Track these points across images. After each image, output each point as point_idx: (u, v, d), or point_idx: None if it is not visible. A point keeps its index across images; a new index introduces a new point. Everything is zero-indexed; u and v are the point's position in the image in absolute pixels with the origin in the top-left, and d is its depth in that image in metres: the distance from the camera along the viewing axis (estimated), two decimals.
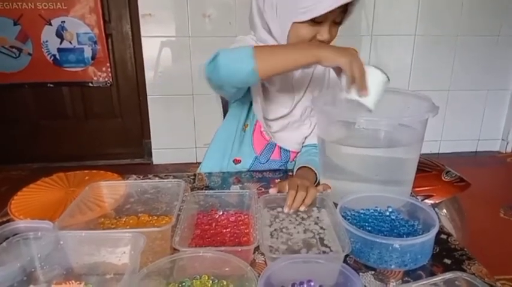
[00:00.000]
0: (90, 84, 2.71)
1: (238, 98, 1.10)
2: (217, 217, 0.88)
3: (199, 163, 1.25)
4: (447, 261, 0.75)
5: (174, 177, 1.11)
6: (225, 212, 0.89)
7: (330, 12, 0.90)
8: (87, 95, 2.78)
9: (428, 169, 1.52)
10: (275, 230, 0.81)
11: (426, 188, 1.44)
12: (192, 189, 1.05)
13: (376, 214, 0.86)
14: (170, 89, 2.73)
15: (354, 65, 0.82)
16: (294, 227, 0.81)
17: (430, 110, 0.88)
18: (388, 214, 0.86)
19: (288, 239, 0.78)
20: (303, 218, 0.85)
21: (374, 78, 0.85)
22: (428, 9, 2.78)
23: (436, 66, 2.92)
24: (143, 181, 1.07)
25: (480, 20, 2.85)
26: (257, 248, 0.73)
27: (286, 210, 0.86)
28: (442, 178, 1.48)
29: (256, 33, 1.05)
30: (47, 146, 2.84)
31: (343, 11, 0.97)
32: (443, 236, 0.83)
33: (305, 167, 1.06)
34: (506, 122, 3.08)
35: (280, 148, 1.16)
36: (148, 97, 2.71)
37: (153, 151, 2.84)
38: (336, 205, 0.83)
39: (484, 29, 2.87)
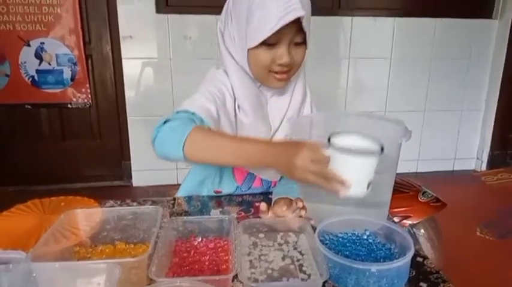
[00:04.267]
0: (69, 106, 2.68)
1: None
2: (196, 243, 0.87)
3: (181, 185, 1.24)
4: (423, 285, 0.76)
5: (153, 202, 1.11)
6: (204, 239, 0.88)
7: (283, 33, 0.91)
8: (66, 116, 2.74)
9: (406, 190, 1.55)
10: (255, 258, 0.81)
11: (403, 209, 1.47)
12: (171, 214, 1.04)
13: (354, 237, 0.87)
14: (151, 110, 2.72)
15: (306, 180, 0.73)
16: (274, 255, 0.81)
17: (403, 134, 0.91)
18: (365, 237, 0.87)
19: (267, 267, 0.78)
20: (280, 244, 0.85)
21: (359, 161, 0.73)
22: (403, 33, 2.89)
23: (411, 88, 3.02)
24: (120, 207, 1.06)
25: (452, 44, 2.97)
26: (236, 276, 0.72)
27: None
28: (419, 198, 1.51)
29: (224, 63, 1.03)
30: (24, 168, 2.77)
31: (300, 31, 0.94)
32: (419, 259, 0.85)
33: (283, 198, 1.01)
34: (480, 141, 3.18)
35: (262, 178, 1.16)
36: (128, 118, 2.70)
37: (132, 172, 2.81)
38: (314, 228, 0.83)
39: (456, 52, 2.99)
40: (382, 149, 0.74)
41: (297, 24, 0.90)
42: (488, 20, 2.98)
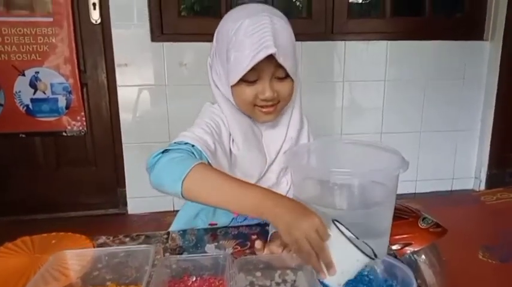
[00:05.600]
0: (64, 133, 2.66)
1: None
2: (190, 283, 0.84)
3: (177, 211, 1.21)
4: None
5: (146, 237, 1.08)
6: (199, 278, 0.85)
7: (262, 70, 0.91)
8: (61, 144, 2.71)
9: (405, 216, 1.53)
10: None
11: (404, 236, 1.44)
12: (165, 250, 1.01)
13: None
14: (146, 136, 2.70)
15: (301, 244, 0.71)
16: None
17: (400, 165, 0.89)
18: (365, 273, 0.84)
19: None
20: (278, 283, 0.82)
21: (356, 254, 0.71)
22: (396, 56, 2.91)
23: (407, 109, 3.02)
24: (112, 246, 1.02)
25: (446, 65, 2.99)
26: None
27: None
28: (419, 225, 1.48)
29: (215, 97, 1.05)
30: (17, 197, 2.73)
31: (279, 66, 0.92)
32: None
33: None
34: (478, 160, 3.17)
35: None
36: (123, 145, 2.67)
37: (128, 199, 2.77)
38: None
39: (450, 73, 3.01)
40: (374, 255, 0.75)
41: (275, 60, 0.90)
42: (480, 42, 3.01)
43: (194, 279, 0.85)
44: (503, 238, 2.27)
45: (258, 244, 0.87)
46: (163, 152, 0.88)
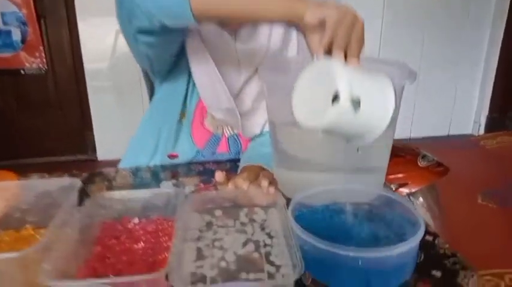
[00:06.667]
0: (22, 72, 2.37)
1: (167, 75, 0.87)
2: (130, 226, 0.65)
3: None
4: (436, 273, 0.56)
5: (91, 175, 0.88)
6: (144, 219, 0.66)
7: None
8: (20, 84, 2.43)
9: (402, 153, 1.34)
10: (206, 245, 0.59)
11: (400, 175, 1.26)
12: (109, 189, 0.82)
13: (341, 215, 0.65)
14: (114, 74, 2.42)
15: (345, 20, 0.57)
16: (232, 240, 0.59)
17: (406, 76, 0.69)
18: (356, 213, 0.65)
19: (221, 258, 0.56)
20: (243, 224, 0.63)
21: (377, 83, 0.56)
22: None
23: (406, 44, 2.75)
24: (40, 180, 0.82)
25: (450, 2, 2.71)
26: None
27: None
28: (418, 163, 1.30)
29: None
30: None
31: None
32: (429, 238, 0.64)
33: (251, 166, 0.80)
34: (478, 103, 2.97)
35: (228, 139, 0.93)
36: (87, 84, 2.40)
37: (96, 144, 2.53)
38: (289, 202, 0.62)
39: (454, 10, 2.74)
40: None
41: None
42: None
43: (137, 221, 0.66)
44: (504, 182, 2.13)
45: (218, 175, 0.67)
46: None
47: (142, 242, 0.61)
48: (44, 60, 2.37)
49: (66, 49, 2.42)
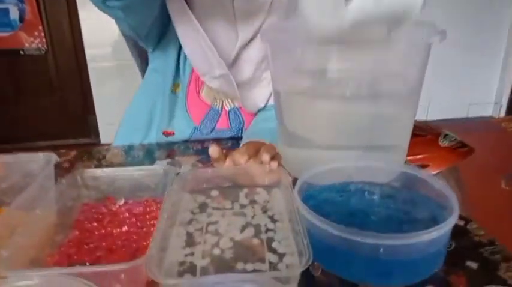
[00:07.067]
0: (22, 52, 2.30)
1: (157, 43, 0.78)
2: (115, 208, 0.57)
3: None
4: (471, 265, 0.47)
5: (79, 153, 0.81)
6: (132, 201, 0.59)
7: None
8: (20, 66, 2.35)
9: (422, 133, 1.23)
10: (197, 229, 0.50)
11: (419, 156, 1.15)
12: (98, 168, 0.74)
13: (358, 195, 0.56)
14: (116, 54, 2.32)
15: None
16: (229, 224, 0.51)
17: (433, 34, 0.59)
18: (375, 193, 0.56)
19: (215, 244, 0.47)
20: (243, 206, 0.55)
21: None
22: None
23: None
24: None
25: None
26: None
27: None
28: (439, 143, 1.20)
29: None
30: None
31: None
32: (460, 223, 0.55)
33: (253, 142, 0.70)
34: (500, 83, 2.81)
35: (228, 113, 0.84)
36: (89, 65, 2.31)
37: (99, 128, 2.46)
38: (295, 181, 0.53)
39: None
40: None
41: None
42: None
43: (122, 202, 0.58)
44: None
45: (213, 150, 0.58)
46: None
47: (126, 226, 0.53)
48: (44, 40, 2.29)
49: (65, 28, 2.33)
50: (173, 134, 0.83)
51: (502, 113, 2.82)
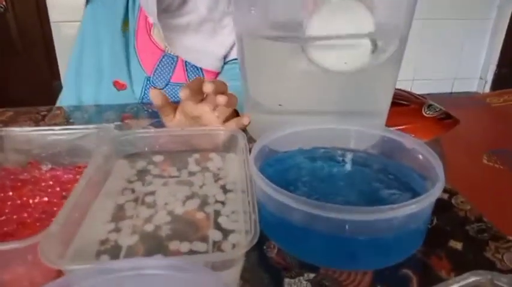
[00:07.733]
0: None
1: None
2: (39, 175, 0.48)
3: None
4: (455, 245, 0.39)
5: (16, 113, 0.71)
6: (60, 167, 0.49)
7: None
8: None
9: (405, 102, 1.16)
10: (130, 201, 0.41)
11: (402, 126, 1.08)
12: None
13: (327, 162, 0.48)
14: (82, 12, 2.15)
15: None
16: (169, 194, 0.42)
17: None
18: (347, 160, 0.48)
19: (148, 219, 0.39)
20: (192, 173, 0.46)
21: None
22: None
23: None
24: None
25: None
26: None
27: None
28: (423, 113, 1.12)
29: None
30: None
31: None
32: (444, 196, 0.47)
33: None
34: (486, 57, 2.75)
35: (186, 63, 0.73)
36: (52, 25, 2.14)
37: None
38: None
39: None
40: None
41: None
42: None
43: (48, 167, 0.49)
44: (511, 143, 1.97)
45: (155, 95, 0.48)
46: None
47: (46, 197, 0.44)
48: None
49: None
50: (125, 87, 0.72)
51: (487, 89, 2.77)
